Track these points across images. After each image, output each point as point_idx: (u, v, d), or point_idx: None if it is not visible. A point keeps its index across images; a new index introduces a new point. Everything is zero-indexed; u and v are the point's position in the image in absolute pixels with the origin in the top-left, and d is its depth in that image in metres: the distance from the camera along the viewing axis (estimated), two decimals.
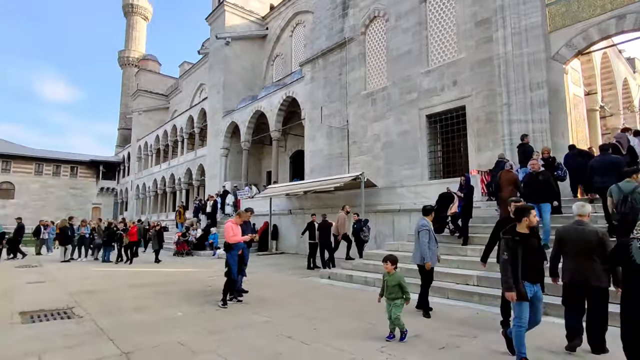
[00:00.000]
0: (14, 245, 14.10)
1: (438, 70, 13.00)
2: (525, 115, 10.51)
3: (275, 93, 21.11)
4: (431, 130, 13.41)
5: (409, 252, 8.32)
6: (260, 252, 15.44)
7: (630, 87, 18.07)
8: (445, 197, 8.99)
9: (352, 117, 16.00)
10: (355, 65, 16.11)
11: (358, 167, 15.40)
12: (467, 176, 8.63)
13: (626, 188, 5.21)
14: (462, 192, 8.35)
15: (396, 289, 4.34)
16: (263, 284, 8.29)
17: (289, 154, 24.97)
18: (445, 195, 9.05)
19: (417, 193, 10.93)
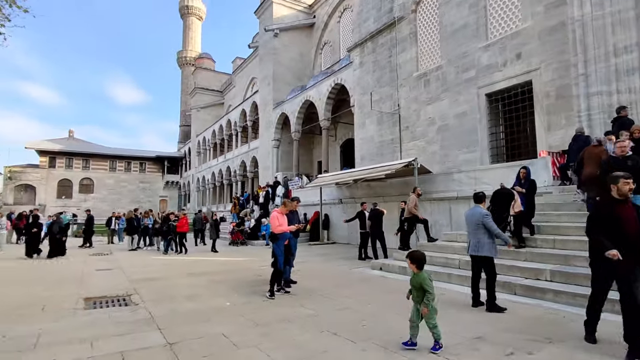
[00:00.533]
0: (86, 235, 15.47)
1: (499, 43, 11.78)
2: (609, 86, 9.11)
3: (324, 81, 20.78)
4: (492, 110, 12.25)
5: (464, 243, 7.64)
6: (311, 242, 15.38)
7: None
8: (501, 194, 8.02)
9: (403, 101, 15.19)
10: (406, 45, 15.22)
11: (411, 153, 14.63)
12: (527, 169, 7.42)
13: None
14: (524, 187, 7.14)
15: (421, 293, 3.70)
16: (312, 275, 8.11)
17: (339, 143, 24.63)
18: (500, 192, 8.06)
19: (477, 179, 10.03)
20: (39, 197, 42.34)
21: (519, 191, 7.11)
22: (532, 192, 7.16)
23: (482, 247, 5.01)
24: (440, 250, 8.05)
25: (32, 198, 42.17)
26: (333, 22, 26.21)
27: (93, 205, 41.39)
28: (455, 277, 6.68)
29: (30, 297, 6.24)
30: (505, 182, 9.43)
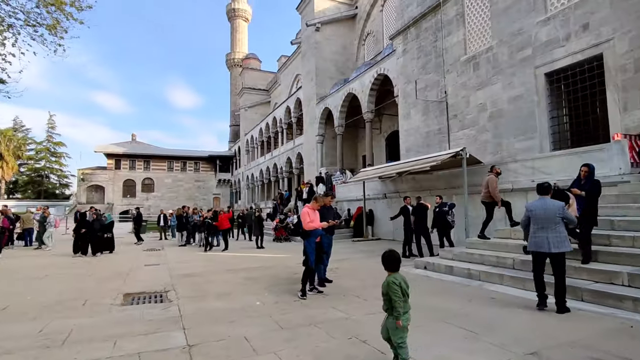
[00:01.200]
0: (136, 231, 16.31)
1: (561, 14, 10.44)
2: None
3: (366, 72, 20.14)
4: (552, 91, 10.94)
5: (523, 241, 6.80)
6: (355, 238, 14.95)
7: None
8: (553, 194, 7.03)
9: (450, 87, 14.16)
10: (453, 28, 14.14)
11: (461, 142, 13.59)
12: (590, 166, 5.89)
13: None
14: (584, 188, 5.68)
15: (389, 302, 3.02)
16: (350, 273, 7.73)
17: (384, 136, 23.85)
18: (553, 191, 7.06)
19: (535, 168, 8.96)
20: (107, 196, 46.16)
21: (576, 194, 5.74)
22: (594, 196, 5.65)
23: (562, 243, 4.55)
24: (492, 248, 7.27)
25: (102, 197, 46.09)
26: (376, 12, 25.36)
27: (153, 204, 44.23)
28: (508, 279, 5.93)
29: (76, 291, 6.53)
30: (569, 172, 8.35)
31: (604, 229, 6.08)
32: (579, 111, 10.50)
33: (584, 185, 5.77)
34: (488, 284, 6.14)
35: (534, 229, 4.74)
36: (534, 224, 4.75)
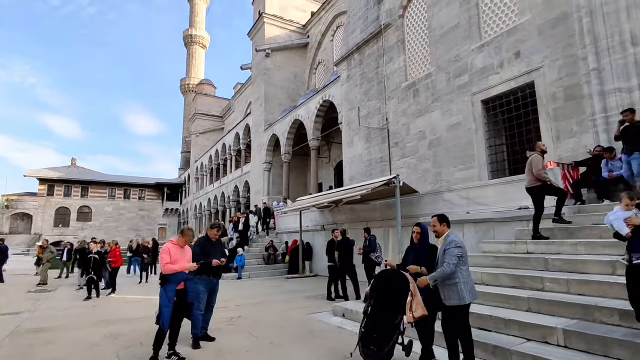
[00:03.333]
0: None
1: (494, 42, 10.21)
2: (628, 82, 7.38)
3: (312, 99, 19.49)
4: (490, 119, 10.52)
5: None
6: (290, 274, 13.48)
7: None
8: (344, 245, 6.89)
9: (392, 114, 13.62)
10: (394, 54, 13.81)
11: (402, 171, 12.86)
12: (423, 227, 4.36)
13: None
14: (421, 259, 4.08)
15: None
16: (251, 324, 6.27)
17: (333, 165, 23.08)
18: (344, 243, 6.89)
19: (470, 199, 8.19)
20: (36, 225, 41.55)
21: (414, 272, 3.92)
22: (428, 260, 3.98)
23: None
24: None
25: (29, 227, 41.39)
26: (327, 41, 25.31)
27: (90, 234, 40.23)
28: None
29: None
30: (505, 203, 7.62)
31: (538, 270, 5.17)
32: (515, 140, 10.09)
33: (419, 252, 4.22)
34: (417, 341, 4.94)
35: (469, 272, 3.71)
36: (467, 265, 3.71)
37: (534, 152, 6.46)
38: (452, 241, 3.65)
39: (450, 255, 3.55)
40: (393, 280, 3.98)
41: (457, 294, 3.54)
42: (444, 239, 3.77)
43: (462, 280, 3.56)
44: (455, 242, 3.62)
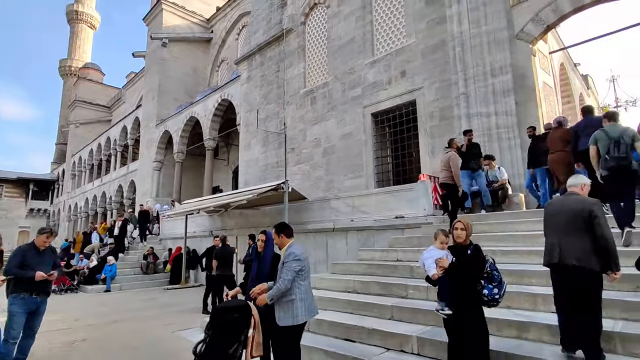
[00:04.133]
0: None
1: (384, 59, 10.82)
2: (487, 107, 8.37)
3: (210, 96, 18.40)
4: (378, 131, 11.09)
5: (329, 291, 5.68)
6: (172, 284, 12.26)
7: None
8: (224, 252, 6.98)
9: (289, 119, 13.51)
10: (294, 60, 13.76)
11: (296, 177, 12.81)
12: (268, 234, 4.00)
13: (614, 131, 4.55)
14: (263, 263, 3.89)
15: None
16: (95, 348, 5.29)
17: (232, 168, 22.08)
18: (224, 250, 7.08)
19: (355, 207, 8.39)
20: None
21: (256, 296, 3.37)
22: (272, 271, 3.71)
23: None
24: None
25: None
26: (231, 39, 24.31)
27: None
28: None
29: None
30: (384, 212, 7.96)
31: (404, 277, 5.39)
32: (399, 152, 10.79)
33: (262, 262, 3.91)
34: None
35: (308, 287, 3.46)
36: (307, 279, 3.46)
37: (450, 149, 6.77)
38: (290, 253, 3.29)
39: (287, 270, 3.20)
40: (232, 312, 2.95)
41: (291, 312, 3.17)
42: (285, 250, 3.40)
43: (299, 296, 3.22)
44: (294, 255, 3.26)
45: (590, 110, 5.91)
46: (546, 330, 3.45)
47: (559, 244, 3.08)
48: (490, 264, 3.08)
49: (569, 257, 2.98)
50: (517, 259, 4.81)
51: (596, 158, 4.65)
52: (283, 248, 3.43)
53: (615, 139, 4.44)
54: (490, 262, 3.10)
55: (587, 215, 2.99)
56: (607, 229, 2.96)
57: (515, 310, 3.96)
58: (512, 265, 4.67)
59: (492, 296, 2.96)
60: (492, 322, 3.80)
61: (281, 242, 3.44)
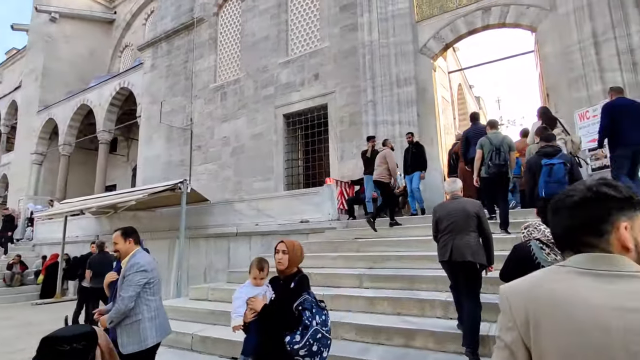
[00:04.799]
0: None
1: (298, 60, 10.63)
2: (392, 116, 8.65)
3: (108, 83, 16.35)
4: (289, 133, 10.84)
5: (222, 302, 5.16)
6: (43, 298, 10.38)
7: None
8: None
9: (197, 115, 12.55)
10: (205, 52, 12.86)
11: (203, 178, 11.93)
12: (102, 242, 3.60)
13: (496, 139, 5.06)
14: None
15: None
16: None
17: (132, 165, 19.89)
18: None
19: (260, 210, 7.97)
20: None
21: None
22: None
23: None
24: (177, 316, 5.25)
25: None
26: (138, 24, 22.07)
27: None
28: None
29: None
30: (289, 216, 7.68)
31: None
32: (309, 156, 10.67)
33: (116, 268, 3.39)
34: None
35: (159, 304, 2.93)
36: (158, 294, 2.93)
37: (384, 148, 6.68)
38: (134, 264, 2.69)
39: (129, 285, 2.61)
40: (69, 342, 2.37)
41: (137, 335, 2.60)
42: (127, 260, 2.77)
43: (148, 315, 2.67)
44: (139, 265, 2.67)
45: (477, 118, 6.39)
46: (432, 338, 3.44)
47: (454, 241, 3.29)
48: (305, 301, 2.20)
49: (463, 253, 3.22)
50: (410, 264, 4.87)
51: (479, 162, 5.14)
52: (125, 258, 2.79)
53: (497, 147, 4.93)
54: (306, 298, 2.21)
55: (476, 216, 3.33)
56: (489, 228, 3.40)
57: (405, 317, 3.93)
58: (405, 271, 4.70)
59: (292, 345, 2.07)
60: (382, 331, 3.73)
61: (127, 249, 2.81)
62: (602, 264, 0.80)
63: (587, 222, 0.84)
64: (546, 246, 2.60)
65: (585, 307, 0.75)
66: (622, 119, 4.31)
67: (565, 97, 7.14)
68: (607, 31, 6.75)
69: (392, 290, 4.38)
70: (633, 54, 6.52)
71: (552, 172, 3.64)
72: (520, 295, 0.85)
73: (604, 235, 0.82)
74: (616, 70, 6.60)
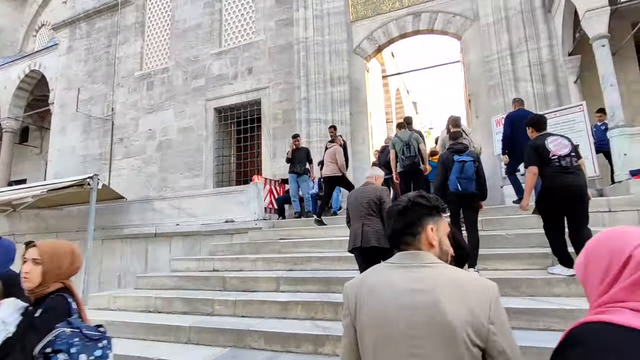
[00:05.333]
0: None
1: (232, 52, 10.15)
2: (326, 115, 8.55)
3: (15, 64, 14.43)
4: (221, 128, 10.31)
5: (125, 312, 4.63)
6: None
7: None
8: None
9: (120, 104, 11.51)
10: (130, 36, 11.83)
11: (124, 173, 10.96)
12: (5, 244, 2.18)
13: (404, 136, 5.61)
14: None
15: None
16: None
17: (46, 158, 17.85)
18: None
19: (182, 209, 7.42)
20: None
21: None
22: None
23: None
24: None
25: None
26: (56, 2, 19.85)
27: None
28: None
29: None
30: (214, 215, 7.24)
31: (216, 290, 4.78)
32: (241, 152, 10.25)
33: None
34: None
35: None
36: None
37: (333, 144, 6.54)
38: None
39: None
40: None
41: None
42: None
43: None
44: None
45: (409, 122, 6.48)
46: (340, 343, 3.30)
47: (362, 228, 3.38)
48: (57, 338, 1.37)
49: (369, 239, 3.30)
50: (329, 265, 4.75)
51: (394, 160, 5.56)
52: None
53: (406, 143, 5.46)
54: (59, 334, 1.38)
55: (378, 201, 3.41)
56: None
57: (318, 322, 3.76)
58: (323, 272, 4.56)
59: None
60: (292, 338, 3.52)
61: None
62: (410, 259, 1.02)
63: (405, 226, 1.05)
64: None
65: (389, 290, 0.98)
66: (519, 129, 4.64)
67: (484, 104, 7.54)
68: (521, 44, 7.24)
69: (308, 293, 4.21)
70: (542, 66, 7.05)
71: (464, 169, 3.77)
72: (352, 287, 1.08)
73: (416, 235, 1.03)
74: (528, 80, 7.10)
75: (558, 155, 3.32)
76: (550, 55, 6.99)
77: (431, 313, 0.90)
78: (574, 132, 5.96)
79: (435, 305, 0.90)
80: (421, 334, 0.90)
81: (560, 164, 3.31)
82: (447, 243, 1.06)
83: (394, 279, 0.99)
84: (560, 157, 3.32)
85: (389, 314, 0.95)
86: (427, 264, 0.99)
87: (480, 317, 0.88)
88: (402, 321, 0.93)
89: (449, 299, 0.90)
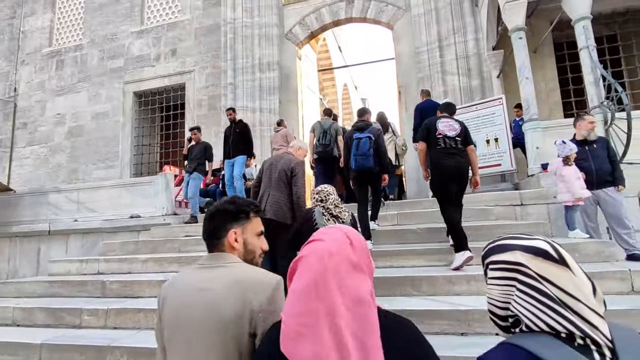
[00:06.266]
0: None
1: (154, 31, 9.24)
2: (254, 102, 8.00)
3: None
4: (141, 114, 9.38)
5: None
6: None
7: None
8: None
9: (24, 84, 10.13)
10: (38, 8, 10.43)
11: (27, 163, 9.66)
12: None
13: (325, 123, 5.63)
14: None
15: None
16: None
17: None
18: None
19: (81, 203, 6.51)
20: None
21: None
22: None
23: None
24: None
25: None
26: None
27: None
28: None
29: None
30: (119, 210, 6.43)
31: (93, 297, 4.09)
32: (163, 142, 9.40)
33: None
34: None
35: None
36: None
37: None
38: None
39: None
40: None
41: None
42: None
43: None
44: None
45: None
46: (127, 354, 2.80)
47: (268, 196, 3.23)
48: None
49: (267, 210, 3.13)
50: None
51: (312, 145, 5.58)
52: None
53: (325, 130, 5.49)
54: None
55: (290, 173, 3.25)
56: (301, 188, 3.23)
57: None
58: None
59: None
60: None
61: None
62: (212, 259, 1.08)
63: (213, 230, 1.12)
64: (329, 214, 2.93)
65: (184, 289, 1.04)
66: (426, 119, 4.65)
67: (414, 96, 7.37)
68: (450, 36, 7.15)
69: None
70: (468, 59, 6.99)
71: (359, 145, 3.73)
72: (164, 288, 1.10)
73: (221, 238, 1.10)
74: (455, 74, 7.02)
75: (443, 135, 3.34)
76: (476, 48, 6.96)
77: (207, 308, 0.96)
78: (494, 126, 5.95)
79: (213, 302, 0.96)
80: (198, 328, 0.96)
81: (444, 145, 3.33)
82: (253, 242, 1.13)
83: (190, 278, 1.06)
84: (445, 137, 3.34)
85: (180, 312, 1.01)
86: (225, 264, 1.05)
87: (255, 309, 0.95)
88: (185, 316, 0.99)
89: (228, 296, 0.96)
